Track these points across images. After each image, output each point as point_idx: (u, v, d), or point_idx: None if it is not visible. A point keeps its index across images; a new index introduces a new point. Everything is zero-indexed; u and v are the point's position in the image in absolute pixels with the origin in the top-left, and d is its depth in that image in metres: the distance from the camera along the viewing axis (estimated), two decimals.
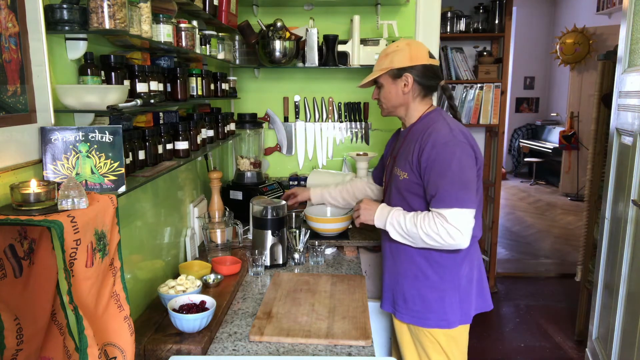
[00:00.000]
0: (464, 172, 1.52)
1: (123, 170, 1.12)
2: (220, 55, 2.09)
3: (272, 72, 2.83)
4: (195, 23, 1.69)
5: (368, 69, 2.70)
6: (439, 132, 1.57)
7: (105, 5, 1.11)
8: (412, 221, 1.55)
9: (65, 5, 1.09)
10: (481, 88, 3.74)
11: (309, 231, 2.08)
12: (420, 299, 1.65)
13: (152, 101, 1.32)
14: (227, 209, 2.15)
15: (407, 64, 1.63)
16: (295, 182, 2.68)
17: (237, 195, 2.43)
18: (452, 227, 1.48)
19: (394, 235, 1.61)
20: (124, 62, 1.30)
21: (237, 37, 2.55)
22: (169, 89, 1.59)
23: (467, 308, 1.67)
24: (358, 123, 2.86)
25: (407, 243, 1.61)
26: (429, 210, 1.55)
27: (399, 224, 1.59)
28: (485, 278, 1.76)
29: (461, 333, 1.68)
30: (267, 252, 1.96)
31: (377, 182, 2.06)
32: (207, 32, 1.91)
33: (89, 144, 1.09)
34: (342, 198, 2.13)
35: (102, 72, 1.24)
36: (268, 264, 1.97)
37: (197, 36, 1.72)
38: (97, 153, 1.10)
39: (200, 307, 1.45)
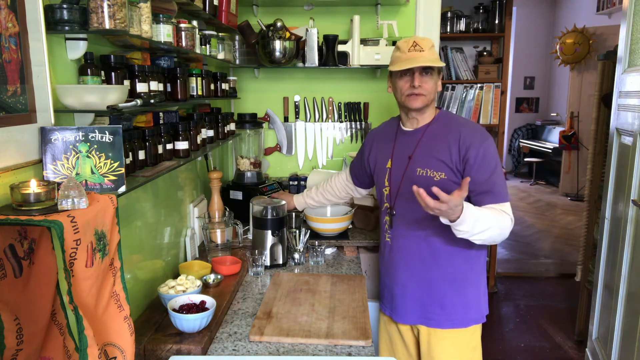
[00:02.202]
0: (501, 165, 1.60)
1: (123, 170, 1.12)
2: (220, 55, 2.09)
3: (272, 72, 2.83)
4: (195, 23, 1.69)
5: (368, 69, 2.71)
6: (475, 129, 1.61)
7: (105, 5, 1.11)
8: (490, 218, 1.49)
9: (65, 5, 1.09)
10: (481, 88, 3.74)
11: (309, 231, 2.08)
12: (460, 300, 1.65)
13: (152, 101, 1.32)
14: (227, 209, 2.15)
15: None
16: (295, 182, 2.68)
17: (237, 195, 2.43)
18: (511, 221, 1.54)
19: (465, 235, 1.48)
20: (124, 62, 1.30)
21: (237, 37, 2.55)
22: (169, 89, 1.59)
23: (487, 296, 1.73)
24: (358, 123, 2.86)
25: (476, 240, 1.51)
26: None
27: (478, 222, 1.47)
28: None
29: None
30: (267, 252, 1.96)
31: (359, 184, 2.02)
32: (207, 32, 1.91)
33: (89, 144, 1.09)
34: (326, 199, 2.13)
35: (102, 72, 1.24)
36: (268, 264, 1.97)
37: (197, 36, 1.72)
38: (97, 153, 1.10)
39: (200, 307, 1.45)
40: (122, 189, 1.12)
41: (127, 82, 1.31)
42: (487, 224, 1.48)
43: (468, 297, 1.66)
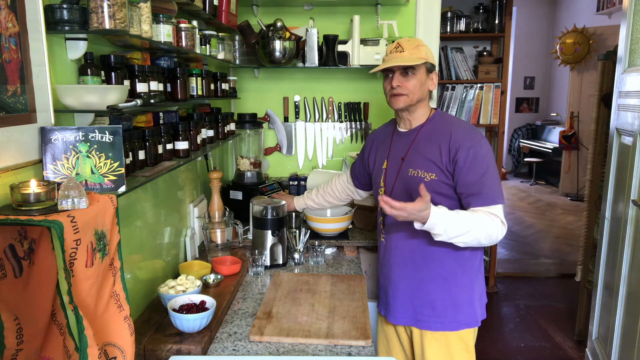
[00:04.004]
0: (496, 167, 1.57)
1: (123, 170, 1.12)
2: (220, 55, 2.09)
3: (272, 72, 2.83)
4: (195, 23, 1.69)
5: (368, 69, 2.71)
6: (466, 130, 1.59)
7: (105, 5, 1.11)
8: (470, 220, 1.47)
9: (65, 5, 1.09)
10: (481, 88, 3.74)
11: (309, 231, 2.08)
12: (451, 302, 1.62)
13: (152, 101, 1.32)
14: (227, 209, 2.15)
15: (435, 63, 1.65)
16: (295, 182, 2.68)
17: (237, 195, 2.43)
18: (501, 224, 1.51)
19: (442, 237, 1.47)
20: (124, 62, 1.30)
21: (237, 37, 2.55)
22: (169, 89, 1.59)
23: (484, 300, 1.70)
24: (358, 123, 2.86)
25: (457, 243, 1.49)
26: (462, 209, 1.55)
27: (452, 225, 1.45)
28: None
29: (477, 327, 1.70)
30: (267, 252, 1.96)
31: (360, 186, 2.01)
32: (207, 32, 1.91)
33: (89, 144, 1.09)
34: (327, 202, 2.12)
35: (102, 72, 1.24)
36: (268, 264, 1.97)
37: (197, 36, 1.72)
38: (97, 153, 1.10)
39: (200, 307, 1.45)
40: (122, 189, 1.12)
41: (127, 82, 1.31)
42: (464, 227, 1.45)
43: (459, 299, 1.63)
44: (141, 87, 1.36)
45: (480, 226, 1.47)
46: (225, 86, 2.19)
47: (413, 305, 1.66)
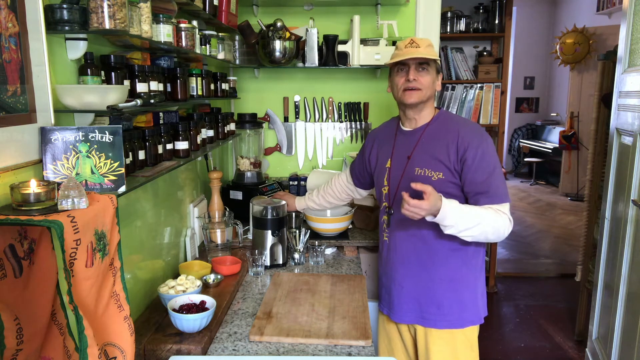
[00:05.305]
0: (501, 166, 1.60)
1: (123, 170, 1.12)
2: (220, 55, 2.09)
3: (272, 72, 2.83)
4: (195, 23, 1.69)
5: (368, 69, 2.71)
6: (474, 129, 1.61)
7: (105, 5, 1.11)
8: (479, 214, 1.49)
9: (65, 5, 1.09)
10: (481, 88, 3.74)
11: (309, 231, 2.08)
12: (457, 301, 1.64)
13: (152, 101, 1.32)
14: (227, 209, 2.15)
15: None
16: (295, 182, 2.68)
17: (237, 195, 2.43)
18: (509, 221, 1.53)
19: (452, 230, 1.49)
20: (124, 62, 1.30)
21: (237, 37, 2.55)
22: (169, 89, 1.59)
23: (485, 298, 1.72)
24: (358, 123, 2.86)
25: (466, 237, 1.51)
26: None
27: (463, 217, 1.48)
28: None
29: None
30: (267, 252, 1.96)
31: (359, 185, 2.01)
32: (207, 32, 1.91)
33: (89, 144, 1.09)
34: (327, 202, 2.12)
35: (102, 72, 1.24)
36: (268, 264, 1.97)
37: (197, 36, 1.72)
38: (97, 153, 1.10)
39: (200, 307, 1.45)
40: (122, 189, 1.12)
41: (127, 82, 1.31)
42: (475, 220, 1.47)
43: (464, 297, 1.65)
44: (141, 87, 1.36)
45: (489, 221, 1.50)
46: (225, 86, 2.19)
47: (419, 303, 1.67)
